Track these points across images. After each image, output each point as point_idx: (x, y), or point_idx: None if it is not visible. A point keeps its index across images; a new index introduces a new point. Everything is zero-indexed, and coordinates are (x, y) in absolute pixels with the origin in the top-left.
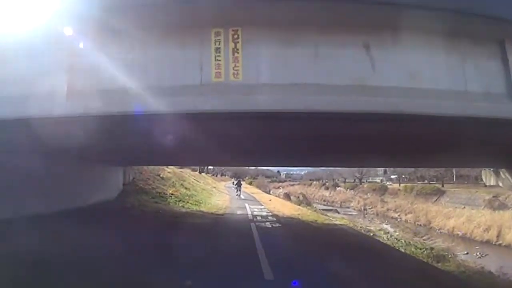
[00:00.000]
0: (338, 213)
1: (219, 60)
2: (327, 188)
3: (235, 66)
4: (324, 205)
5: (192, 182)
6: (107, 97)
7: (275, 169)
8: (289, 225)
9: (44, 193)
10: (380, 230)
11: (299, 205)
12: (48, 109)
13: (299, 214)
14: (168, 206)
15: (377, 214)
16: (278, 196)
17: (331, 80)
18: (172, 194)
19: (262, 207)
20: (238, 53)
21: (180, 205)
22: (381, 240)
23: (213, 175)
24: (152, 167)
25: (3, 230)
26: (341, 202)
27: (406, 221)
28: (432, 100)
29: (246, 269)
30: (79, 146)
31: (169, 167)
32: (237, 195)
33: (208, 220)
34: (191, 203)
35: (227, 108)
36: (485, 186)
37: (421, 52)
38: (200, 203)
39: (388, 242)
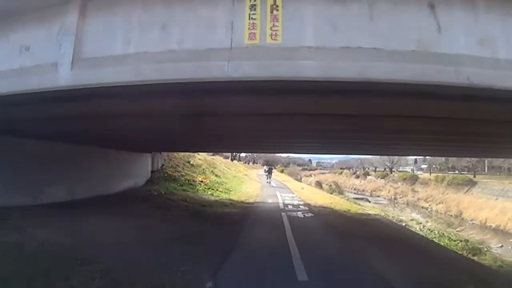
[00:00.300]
0: (369, 202)
1: (254, 19)
2: (357, 177)
3: (273, 26)
4: (355, 193)
5: (223, 169)
6: (118, 63)
7: (306, 157)
8: (321, 215)
9: (67, 180)
10: (412, 220)
11: (331, 193)
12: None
13: (331, 203)
14: (197, 194)
15: (408, 204)
16: (310, 184)
17: (388, 44)
18: (201, 181)
19: (294, 195)
20: (277, 10)
21: (209, 193)
22: (414, 230)
23: (245, 162)
24: (182, 153)
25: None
26: (371, 191)
27: (436, 211)
28: (508, 72)
29: (277, 268)
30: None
31: (200, 154)
32: (267, 182)
33: (236, 210)
34: (220, 191)
35: (262, 75)
36: None
37: (494, 15)
38: (230, 191)
39: (421, 233)
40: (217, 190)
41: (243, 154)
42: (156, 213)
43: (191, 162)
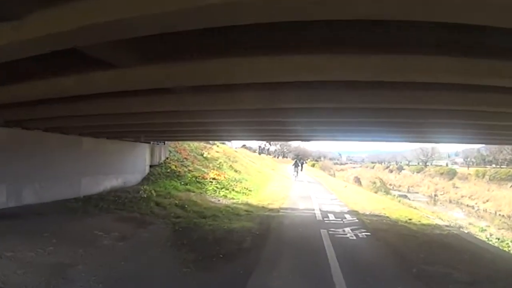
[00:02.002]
0: (408, 199)
1: None
2: (391, 171)
3: None
4: (391, 189)
5: (246, 163)
6: None
7: (336, 151)
8: (379, 231)
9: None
10: (470, 224)
11: (376, 192)
12: None
13: (383, 208)
14: (203, 196)
15: (450, 201)
16: (347, 180)
17: None
18: (213, 178)
19: (332, 196)
20: None
21: (222, 194)
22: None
23: (274, 156)
24: (195, 144)
25: None
26: (408, 187)
27: (485, 210)
28: None
29: None
30: None
31: (220, 146)
32: (294, 174)
33: (252, 224)
34: (237, 191)
35: None
36: None
37: None
38: (250, 191)
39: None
40: (233, 190)
41: (272, 148)
42: (111, 234)
43: (204, 155)
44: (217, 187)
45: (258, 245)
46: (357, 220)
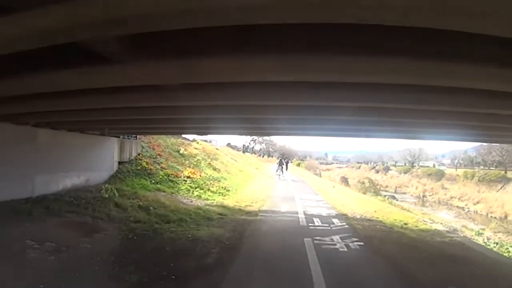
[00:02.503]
0: (396, 199)
1: None
2: (377, 171)
3: None
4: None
5: (227, 162)
6: None
7: (322, 151)
8: (375, 240)
9: None
10: (463, 226)
11: (365, 193)
12: None
13: (375, 211)
14: (174, 196)
15: (439, 202)
16: (333, 180)
17: None
18: (188, 177)
19: (318, 197)
20: None
21: (196, 194)
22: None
23: (259, 155)
24: (172, 141)
25: None
26: (395, 187)
27: (476, 212)
28: None
29: None
30: None
31: (199, 142)
32: (277, 174)
33: (223, 230)
34: (213, 191)
35: None
36: None
37: None
38: (228, 190)
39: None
40: (209, 189)
41: (257, 147)
42: (44, 245)
43: (181, 152)
44: (191, 186)
45: (223, 262)
46: (347, 226)
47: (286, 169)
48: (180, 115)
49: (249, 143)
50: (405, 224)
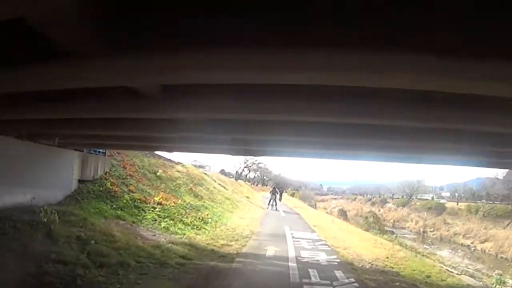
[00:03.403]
0: (395, 235)
1: None
2: (373, 204)
3: None
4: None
5: (213, 188)
6: None
7: (317, 181)
8: None
9: None
10: (477, 271)
11: (367, 230)
12: None
13: (386, 257)
14: (133, 228)
15: (441, 239)
16: (331, 213)
17: None
18: (159, 203)
19: (315, 235)
20: None
21: (163, 225)
22: None
23: (253, 183)
24: (152, 161)
25: None
26: (393, 221)
27: (484, 251)
28: None
29: None
30: None
31: (185, 165)
32: (271, 204)
33: None
34: (186, 223)
35: None
36: None
37: None
38: (206, 222)
39: None
40: (182, 220)
41: (251, 175)
42: None
43: (158, 174)
44: (159, 215)
45: None
46: (356, 284)
47: (280, 199)
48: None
49: (243, 169)
50: (428, 276)
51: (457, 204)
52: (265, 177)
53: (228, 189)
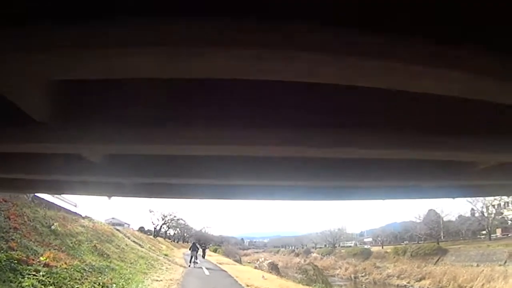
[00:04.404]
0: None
1: None
2: (297, 255)
3: None
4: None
5: (124, 246)
6: None
7: (238, 236)
8: None
9: None
10: None
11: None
12: None
13: None
14: None
15: (375, 283)
16: (259, 267)
17: None
18: (46, 265)
19: None
20: None
21: None
22: None
23: (173, 240)
24: (49, 213)
25: None
26: (322, 270)
27: None
28: None
29: None
30: None
31: (93, 220)
32: (190, 262)
33: None
34: None
35: None
36: (490, 239)
37: None
38: None
39: None
40: None
41: (171, 232)
42: None
43: (53, 228)
44: (42, 281)
45: None
46: None
47: (203, 256)
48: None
49: (161, 226)
50: None
51: (382, 247)
52: (185, 234)
53: (144, 247)
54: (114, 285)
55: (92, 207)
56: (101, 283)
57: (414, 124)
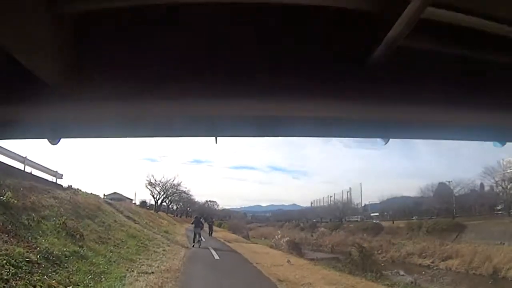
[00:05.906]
0: None
1: None
2: (302, 229)
3: None
4: (315, 250)
5: (115, 223)
6: None
7: (239, 209)
8: None
9: None
10: None
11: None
12: None
13: None
14: None
15: (393, 261)
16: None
17: None
18: None
19: None
20: None
21: None
22: None
23: (176, 215)
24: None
25: None
26: (332, 246)
27: (450, 269)
28: None
29: None
30: None
31: (77, 190)
32: (194, 242)
33: None
34: None
35: None
36: (510, 215)
37: None
38: None
39: None
40: None
41: (174, 207)
42: None
43: (3, 198)
44: None
45: None
46: None
47: (210, 233)
48: None
49: (163, 200)
50: None
51: (393, 222)
52: (188, 208)
53: (140, 223)
54: (80, 283)
55: (94, 183)
56: (48, 285)
57: None
